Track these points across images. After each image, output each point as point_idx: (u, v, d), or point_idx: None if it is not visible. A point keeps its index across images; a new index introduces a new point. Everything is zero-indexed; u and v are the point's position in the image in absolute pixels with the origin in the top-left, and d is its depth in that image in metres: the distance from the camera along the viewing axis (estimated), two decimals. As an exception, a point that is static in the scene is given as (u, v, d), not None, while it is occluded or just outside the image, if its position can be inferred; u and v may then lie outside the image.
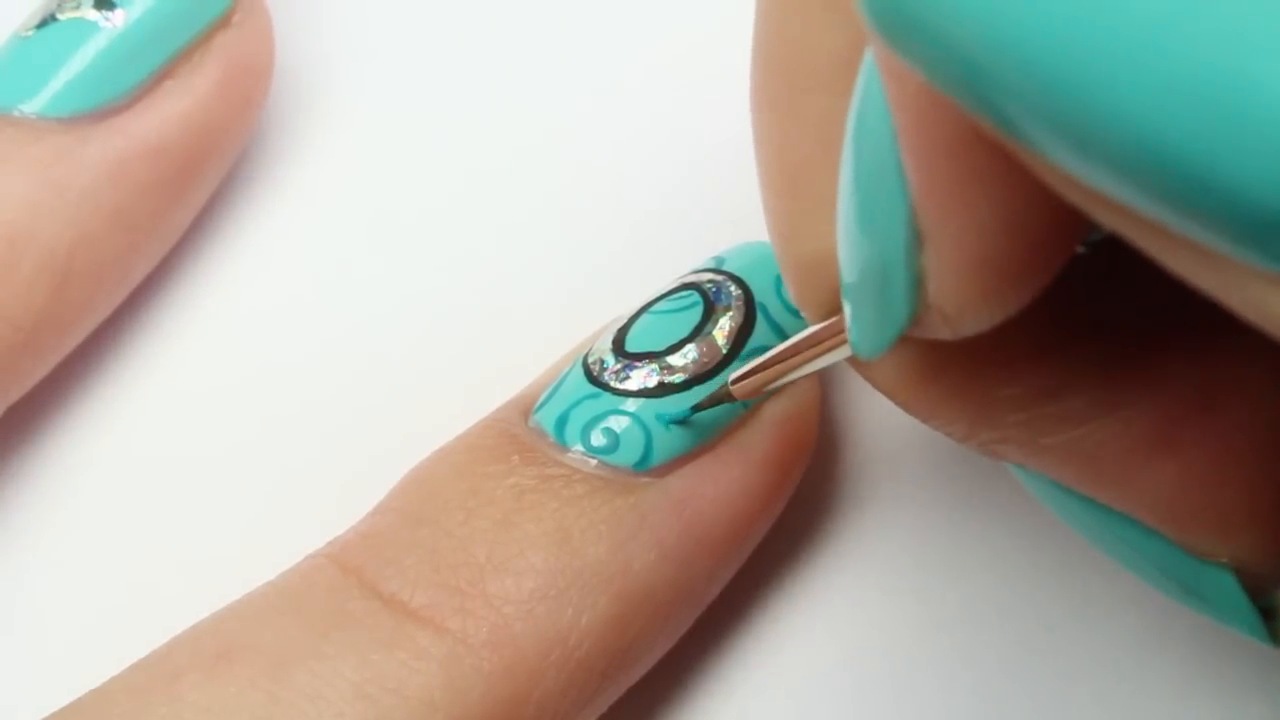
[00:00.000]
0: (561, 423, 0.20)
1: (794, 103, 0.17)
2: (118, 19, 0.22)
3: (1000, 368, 0.17)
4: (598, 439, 0.20)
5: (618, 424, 0.20)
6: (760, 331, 0.21)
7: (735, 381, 0.19)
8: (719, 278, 0.21)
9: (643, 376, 0.21)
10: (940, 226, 0.14)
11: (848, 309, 0.16)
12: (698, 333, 0.21)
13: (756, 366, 0.19)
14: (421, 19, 0.26)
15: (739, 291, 0.21)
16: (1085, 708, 0.22)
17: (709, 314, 0.21)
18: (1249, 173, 0.09)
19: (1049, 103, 0.10)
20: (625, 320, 0.21)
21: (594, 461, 0.20)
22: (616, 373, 0.21)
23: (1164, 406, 0.17)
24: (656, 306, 0.21)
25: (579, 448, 0.20)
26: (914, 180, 0.13)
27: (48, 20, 0.23)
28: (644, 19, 0.25)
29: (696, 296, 0.21)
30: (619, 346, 0.21)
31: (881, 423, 0.23)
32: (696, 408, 0.20)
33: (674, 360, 0.21)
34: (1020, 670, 0.22)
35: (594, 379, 0.21)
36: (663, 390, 0.20)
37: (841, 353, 0.18)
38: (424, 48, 0.25)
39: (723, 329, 0.21)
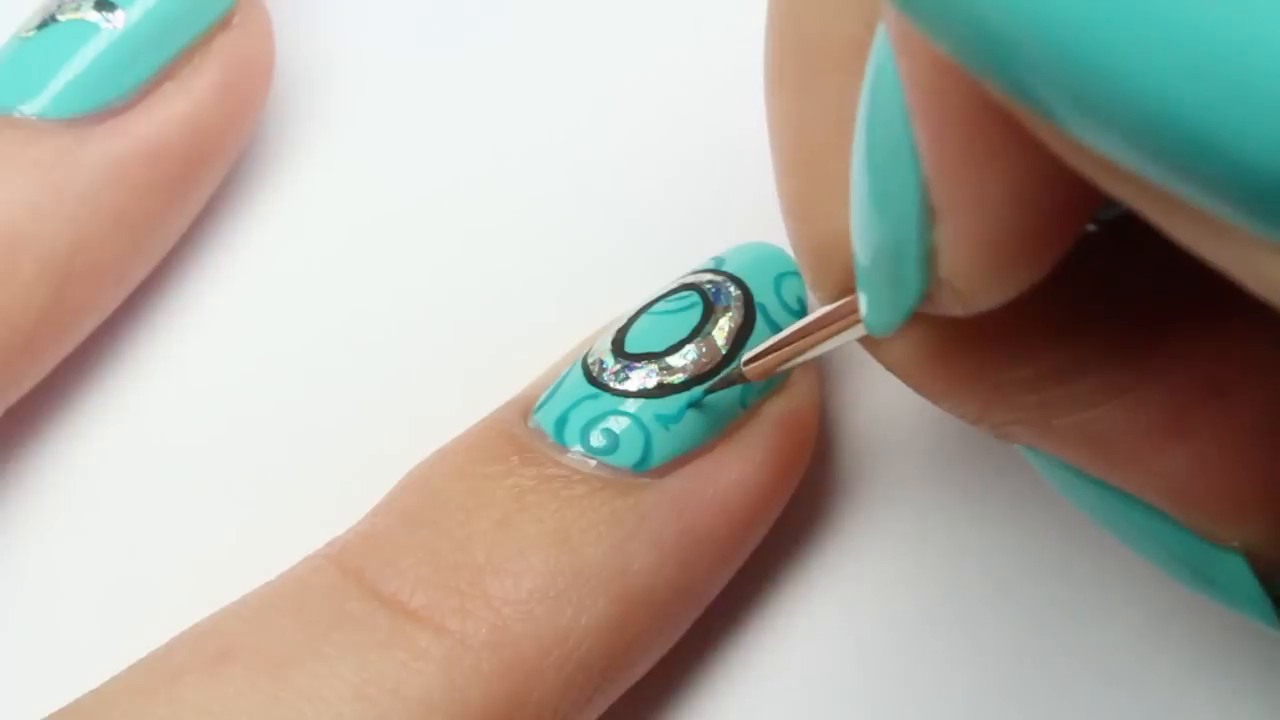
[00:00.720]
0: (561, 423, 0.20)
1: (808, 84, 0.17)
2: (118, 20, 0.22)
3: (1012, 349, 0.17)
4: (597, 439, 0.20)
5: (617, 424, 0.20)
6: (760, 332, 0.21)
7: (748, 362, 0.19)
8: (718, 278, 0.21)
9: (642, 377, 0.21)
10: (952, 201, 0.14)
11: (861, 286, 0.16)
12: (697, 333, 0.21)
13: (770, 347, 0.19)
14: (421, 20, 0.26)
15: (738, 292, 0.21)
16: (1086, 704, 0.21)
17: (708, 314, 0.21)
18: (1256, 140, 0.09)
19: (1059, 68, 0.10)
20: (625, 321, 0.21)
21: (593, 462, 0.20)
22: (616, 373, 0.21)
23: (1176, 390, 0.17)
24: (656, 307, 0.21)
25: (578, 448, 0.20)
26: (926, 155, 0.13)
27: (48, 21, 0.23)
28: (644, 20, 0.25)
29: (696, 297, 0.21)
30: (619, 347, 0.21)
31: (882, 423, 0.23)
32: (709, 389, 0.20)
33: (674, 361, 0.21)
34: (1021, 668, 0.22)
35: (593, 379, 0.21)
36: (662, 391, 0.20)
37: (854, 333, 0.18)
38: (423, 49, 0.25)
39: (722, 329, 0.21)
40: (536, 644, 0.19)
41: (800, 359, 0.19)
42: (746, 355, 0.19)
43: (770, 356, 0.19)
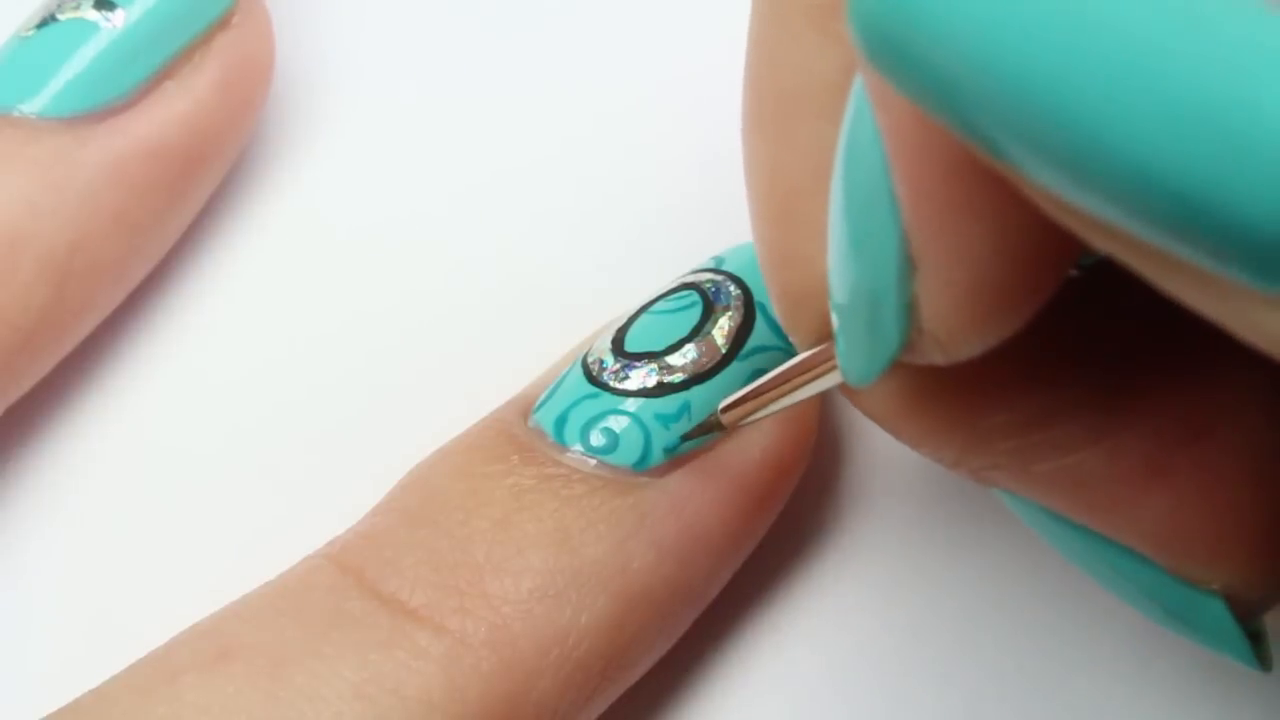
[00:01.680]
0: (561, 422, 0.20)
1: (786, 129, 0.17)
2: (118, 19, 0.22)
3: (990, 395, 0.17)
4: (597, 439, 0.20)
5: (617, 424, 0.20)
6: (759, 331, 0.21)
7: (725, 410, 0.19)
8: (718, 278, 0.21)
9: (642, 376, 0.21)
10: (932, 252, 0.13)
11: (839, 336, 0.16)
12: (697, 332, 0.21)
13: (747, 394, 0.19)
14: (422, 20, 0.26)
15: (738, 291, 0.21)
16: (1087, 706, 0.21)
17: (708, 314, 0.21)
18: (1249, 196, 0.09)
19: (1041, 128, 0.10)
20: (625, 320, 0.21)
21: (593, 461, 0.20)
22: (616, 372, 0.21)
23: (1155, 434, 0.17)
24: (656, 306, 0.21)
25: (578, 447, 0.20)
26: (905, 206, 0.13)
27: (48, 20, 0.23)
28: (645, 20, 0.25)
29: (696, 296, 0.21)
30: (618, 346, 0.21)
31: (881, 422, 0.23)
32: (686, 436, 0.20)
33: (673, 360, 0.21)
34: (1019, 672, 0.22)
35: (593, 379, 0.21)
36: (662, 390, 0.20)
37: (832, 379, 0.17)
38: (424, 49, 0.25)
39: (722, 329, 0.21)
40: (536, 643, 0.19)
41: (778, 406, 0.19)
42: (724, 403, 0.19)
43: (748, 404, 0.19)
